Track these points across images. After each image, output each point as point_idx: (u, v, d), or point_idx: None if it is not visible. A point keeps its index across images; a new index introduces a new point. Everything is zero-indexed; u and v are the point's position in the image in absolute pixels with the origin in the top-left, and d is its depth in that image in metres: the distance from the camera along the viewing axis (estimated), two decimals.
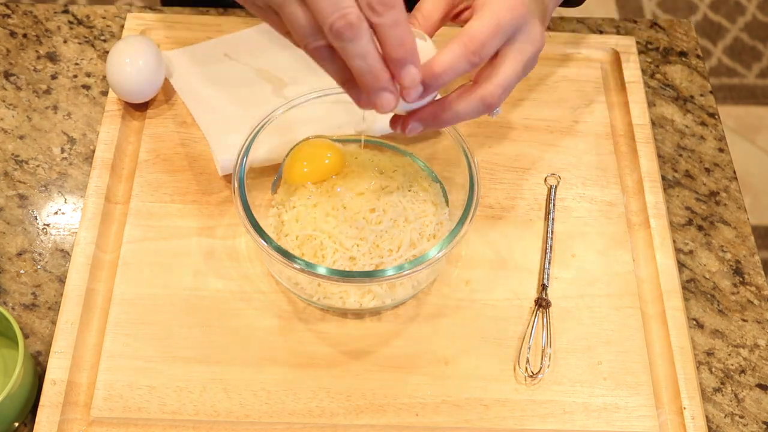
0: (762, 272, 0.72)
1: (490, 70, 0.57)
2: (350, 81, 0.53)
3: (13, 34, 0.81)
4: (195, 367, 0.63)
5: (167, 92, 0.76)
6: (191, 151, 0.74)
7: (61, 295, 0.66)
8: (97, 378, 0.63)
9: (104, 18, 0.83)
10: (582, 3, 0.74)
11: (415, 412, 0.63)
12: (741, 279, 0.72)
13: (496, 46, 0.55)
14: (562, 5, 0.70)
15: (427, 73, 0.54)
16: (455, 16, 0.62)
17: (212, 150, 0.71)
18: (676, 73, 0.84)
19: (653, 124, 0.80)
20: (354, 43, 0.49)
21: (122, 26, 0.82)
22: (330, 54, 0.52)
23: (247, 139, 0.65)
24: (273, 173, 0.70)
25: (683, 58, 0.85)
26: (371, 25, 0.50)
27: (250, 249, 0.69)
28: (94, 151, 0.73)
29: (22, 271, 0.68)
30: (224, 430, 0.61)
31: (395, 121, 0.58)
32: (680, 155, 0.79)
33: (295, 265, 0.59)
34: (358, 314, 0.66)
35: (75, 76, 0.79)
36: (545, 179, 0.74)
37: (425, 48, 0.55)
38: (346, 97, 0.72)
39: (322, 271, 0.59)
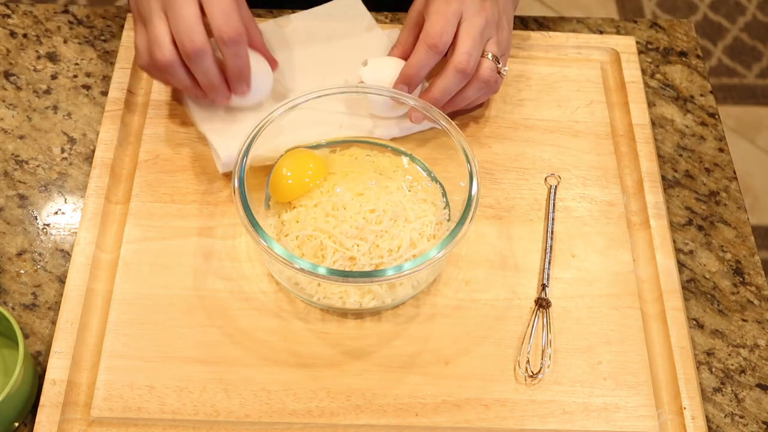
0: (762, 272, 0.72)
1: (453, 46, 0.69)
2: (190, 89, 0.68)
3: (13, 34, 0.81)
4: (195, 367, 0.63)
5: (167, 92, 0.76)
6: (191, 151, 0.74)
7: (61, 295, 0.66)
8: (97, 378, 0.63)
9: (104, 18, 0.83)
10: None
11: (415, 412, 0.63)
12: (741, 279, 0.72)
13: (452, 30, 0.69)
14: None
15: (405, 76, 0.70)
16: None
17: (212, 147, 0.71)
18: (676, 73, 0.84)
19: (653, 124, 0.80)
20: (197, 63, 0.65)
21: (122, 26, 0.82)
22: (180, 66, 0.66)
23: (247, 139, 0.65)
24: None
25: (683, 58, 0.85)
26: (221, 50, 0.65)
27: (250, 249, 0.69)
28: (94, 151, 0.73)
29: (22, 271, 0.68)
30: (224, 430, 0.61)
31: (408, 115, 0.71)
32: (680, 155, 0.79)
33: (296, 266, 0.59)
34: (358, 314, 0.66)
35: (75, 76, 0.79)
36: (545, 179, 0.74)
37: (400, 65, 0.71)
38: (347, 97, 0.72)
39: (322, 271, 0.59)
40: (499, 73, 0.71)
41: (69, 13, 0.83)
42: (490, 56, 0.70)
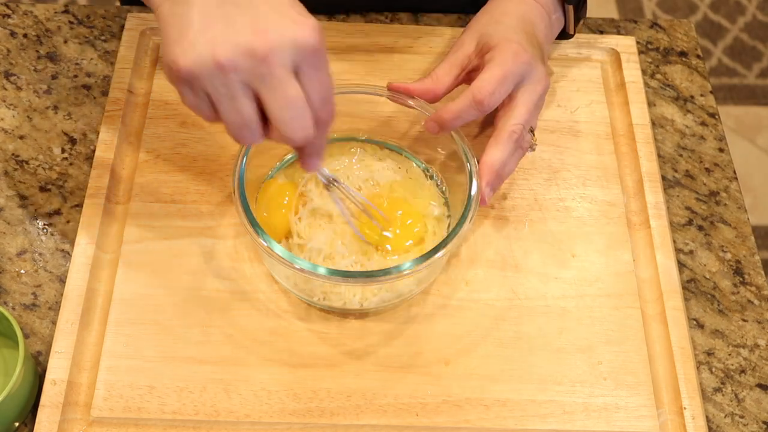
0: (762, 272, 0.72)
1: (508, 112, 0.65)
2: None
3: (13, 34, 0.81)
4: (195, 367, 0.63)
5: (167, 92, 0.76)
6: (191, 151, 0.74)
7: (61, 295, 0.66)
8: (97, 378, 0.63)
9: (104, 18, 0.83)
10: (573, 36, 0.77)
11: (416, 412, 0.63)
12: (741, 279, 0.72)
13: (505, 93, 0.64)
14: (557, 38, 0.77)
15: (438, 119, 0.65)
16: (467, 77, 0.68)
17: None
18: (676, 73, 0.84)
19: (653, 124, 0.80)
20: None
21: (122, 26, 0.82)
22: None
23: None
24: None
25: (683, 58, 0.85)
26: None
27: (250, 249, 0.69)
28: (94, 151, 0.73)
29: (22, 271, 0.68)
30: (224, 430, 0.61)
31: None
32: (680, 155, 0.79)
33: (296, 266, 0.59)
34: (359, 314, 0.66)
35: (75, 76, 0.79)
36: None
37: None
38: (347, 97, 0.72)
39: (322, 271, 0.59)
40: (531, 147, 0.68)
41: (69, 13, 0.83)
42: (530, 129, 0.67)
